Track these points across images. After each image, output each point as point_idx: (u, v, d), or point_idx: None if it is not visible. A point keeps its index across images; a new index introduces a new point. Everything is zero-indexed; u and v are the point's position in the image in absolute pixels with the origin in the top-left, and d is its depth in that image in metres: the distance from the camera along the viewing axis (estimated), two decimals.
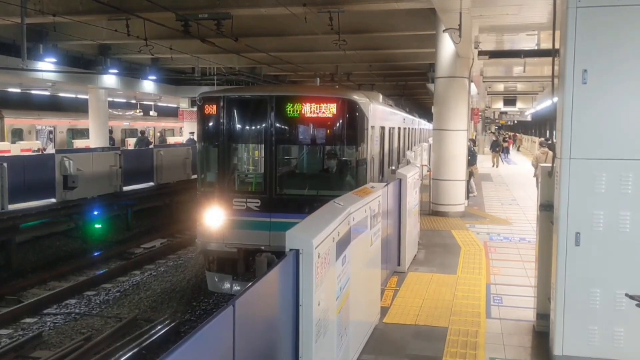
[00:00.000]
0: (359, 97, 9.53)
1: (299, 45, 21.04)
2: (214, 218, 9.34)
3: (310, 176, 10.35)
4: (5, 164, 13.61)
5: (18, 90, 28.12)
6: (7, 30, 17.74)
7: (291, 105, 9.07)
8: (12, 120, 25.60)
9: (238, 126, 9.56)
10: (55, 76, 22.00)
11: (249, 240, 9.16)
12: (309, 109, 9.01)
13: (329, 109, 8.97)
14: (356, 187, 8.00)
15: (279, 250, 7.17)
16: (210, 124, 9.59)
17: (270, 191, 9.24)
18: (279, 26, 17.83)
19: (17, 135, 25.80)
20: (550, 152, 18.26)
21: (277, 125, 9.21)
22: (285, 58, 22.19)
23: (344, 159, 9.46)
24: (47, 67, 20.26)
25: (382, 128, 12.14)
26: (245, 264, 9.26)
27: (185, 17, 13.57)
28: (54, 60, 20.49)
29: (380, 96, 14.15)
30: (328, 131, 9.32)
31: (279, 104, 9.14)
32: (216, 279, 9.55)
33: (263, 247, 9.00)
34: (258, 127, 9.46)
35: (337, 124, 9.23)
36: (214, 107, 9.44)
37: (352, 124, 9.25)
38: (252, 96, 9.90)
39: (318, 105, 8.98)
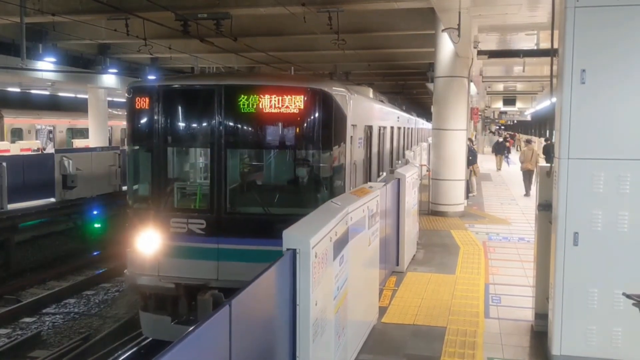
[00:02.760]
0: (334, 89, 7.69)
1: (298, 44, 21.02)
2: (147, 244, 7.41)
3: (272, 189, 8.30)
4: (4, 164, 13.62)
5: (17, 89, 28.10)
6: (7, 30, 17.74)
7: (246, 97, 7.21)
8: (11, 120, 25.59)
9: (177, 125, 7.68)
10: (55, 76, 21.99)
11: (191, 273, 7.26)
12: (268, 103, 7.18)
13: (295, 103, 7.16)
14: (333, 196, 6.62)
15: (231, 287, 6.15)
16: (142, 121, 7.68)
17: (219, 209, 7.35)
18: (278, 26, 17.82)
19: (17, 134, 25.79)
20: (535, 149, 19.47)
21: (228, 123, 7.39)
22: (284, 58, 22.17)
23: (314, 166, 7.51)
24: (46, 66, 20.25)
25: (369, 127, 10.66)
26: (188, 303, 7.32)
27: (184, 17, 13.55)
28: (53, 59, 20.49)
29: (371, 91, 13.48)
30: (294, 131, 7.44)
31: (230, 96, 7.31)
32: (151, 322, 7.58)
33: (209, 282, 7.19)
34: (203, 125, 7.60)
35: (306, 122, 7.40)
36: (147, 100, 7.56)
37: (326, 121, 7.46)
38: (196, 86, 7.85)
39: (280, 98, 7.15)
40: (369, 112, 11.02)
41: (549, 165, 6.04)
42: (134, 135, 7.88)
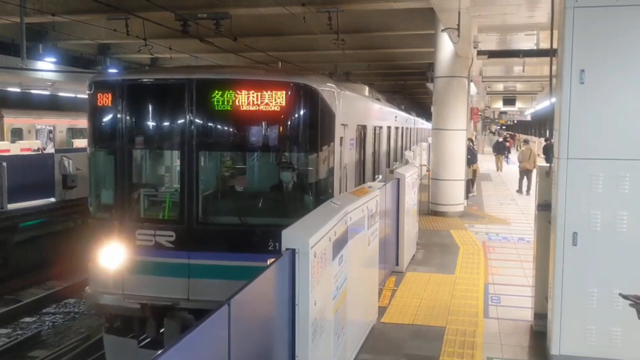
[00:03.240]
0: (320, 84, 6.98)
1: (298, 44, 21.04)
2: (110, 258, 6.66)
3: (250, 197, 7.55)
4: (4, 164, 13.62)
5: (18, 89, 28.11)
6: (7, 30, 17.77)
7: (220, 93, 6.50)
8: (11, 120, 25.59)
9: (144, 124, 6.90)
10: (55, 76, 22.01)
11: (159, 291, 6.50)
12: (246, 99, 6.45)
13: (276, 99, 6.43)
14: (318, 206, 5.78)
15: (202, 308, 5.55)
16: (105, 120, 6.92)
17: (190, 219, 6.58)
18: (278, 26, 17.84)
19: (17, 134, 25.79)
20: (534, 149, 19.98)
21: (201, 122, 6.67)
22: (284, 58, 22.15)
23: (298, 170, 6.77)
24: (46, 66, 20.27)
25: (362, 127, 9.98)
26: (156, 325, 6.56)
27: (184, 17, 13.56)
28: (53, 59, 20.53)
29: (366, 89, 13.07)
30: (276, 131, 6.68)
31: (203, 92, 6.58)
32: (116, 345, 6.86)
33: (179, 303, 6.44)
34: (173, 125, 6.80)
35: (289, 121, 6.65)
36: (109, 96, 6.82)
37: (311, 120, 6.73)
38: (164, 81, 7.04)
39: (260, 94, 6.43)
40: (362, 110, 10.32)
41: (548, 165, 6.05)
42: (95, 135, 7.09)
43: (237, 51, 18.87)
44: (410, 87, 34.69)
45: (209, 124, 6.78)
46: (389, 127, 14.76)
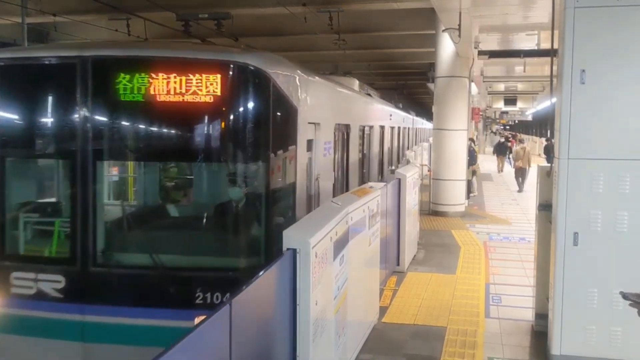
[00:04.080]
0: (273, 66, 5.07)
1: (299, 44, 21.03)
2: None
3: (168, 227, 5.58)
4: None
5: None
6: (8, 30, 17.76)
7: (127, 77, 4.68)
8: None
9: (17, 121, 5.05)
10: None
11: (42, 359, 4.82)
12: (164, 86, 4.65)
13: (207, 86, 4.63)
14: (270, 242, 4.67)
15: None
16: None
17: (85, 258, 4.80)
18: (279, 26, 17.84)
19: None
20: (528, 149, 20.91)
21: (100, 119, 4.83)
22: (284, 58, 22.17)
23: (238, 188, 5.01)
24: None
25: (345, 127, 8.42)
26: None
27: (185, 17, 13.58)
28: None
29: (356, 82, 12.02)
30: (205, 131, 4.86)
31: (103, 76, 4.78)
32: None
33: None
34: (60, 123, 4.95)
35: (226, 117, 4.81)
36: None
37: (257, 115, 4.87)
38: (46, 60, 5.03)
39: (183, 78, 4.64)
40: (345, 106, 8.58)
41: (549, 165, 6.05)
42: None
43: None
44: (411, 87, 34.69)
45: (112, 122, 4.86)
46: (382, 127, 13.23)
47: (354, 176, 9.14)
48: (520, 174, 19.59)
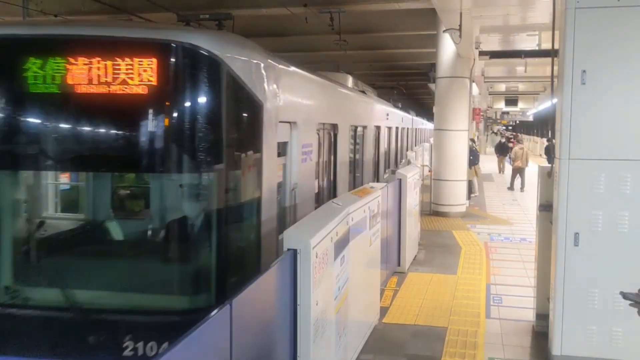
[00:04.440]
0: (228, 48, 4.20)
1: (300, 45, 21.03)
2: None
3: (95, 254, 4.46)
4: None
5: None
6: None
7: (39, 63, 3.82)
8: None
9: None
10: None
11: None
12: (87, 73, 3.78)
13: (141, 73, 3.75)
14: (223, 275, 3.92)
15: None
16: None
17: None
18: (280, 26, 17.84)
19: None
20: (526, 149, 21.36)
21: (2, 115, 3.96)
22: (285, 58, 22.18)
23: (179, 201, 4.14)
24: None
25: (332, 127, 7.60)
26: None
27: (186, 18, 13.59)
28: None
29: (350, 79, 11.56)
30: (139, 130, 3.89)
31: (9, 61, 3.93)
32: None
33: None
34: None
35: (168, 113, 3.88)
36: None
37: (207, 110, 3.95)
38: None
39: (111, 63, 3.76)
40: (332, 103, 7.66)
41: (549, 165, 6.05)
42: None
43: None
44: (412, 88, 34.69)
45: (20, 118, 3.94)
46: (377, 128, 12.22)
47: (342, 183, 8.22)
48: (519, 173, 19.98)
